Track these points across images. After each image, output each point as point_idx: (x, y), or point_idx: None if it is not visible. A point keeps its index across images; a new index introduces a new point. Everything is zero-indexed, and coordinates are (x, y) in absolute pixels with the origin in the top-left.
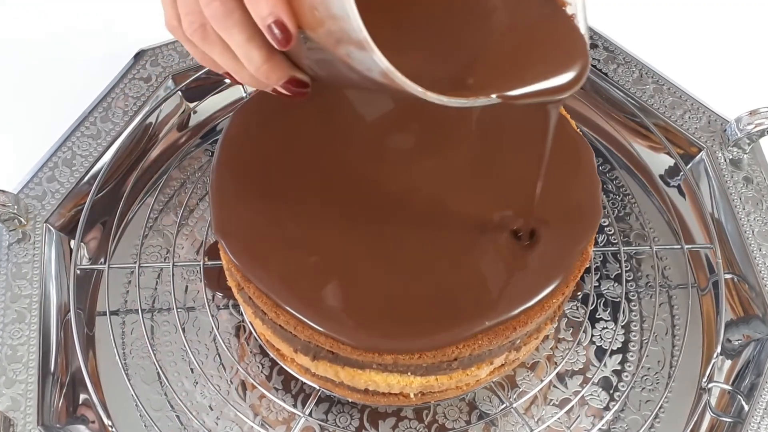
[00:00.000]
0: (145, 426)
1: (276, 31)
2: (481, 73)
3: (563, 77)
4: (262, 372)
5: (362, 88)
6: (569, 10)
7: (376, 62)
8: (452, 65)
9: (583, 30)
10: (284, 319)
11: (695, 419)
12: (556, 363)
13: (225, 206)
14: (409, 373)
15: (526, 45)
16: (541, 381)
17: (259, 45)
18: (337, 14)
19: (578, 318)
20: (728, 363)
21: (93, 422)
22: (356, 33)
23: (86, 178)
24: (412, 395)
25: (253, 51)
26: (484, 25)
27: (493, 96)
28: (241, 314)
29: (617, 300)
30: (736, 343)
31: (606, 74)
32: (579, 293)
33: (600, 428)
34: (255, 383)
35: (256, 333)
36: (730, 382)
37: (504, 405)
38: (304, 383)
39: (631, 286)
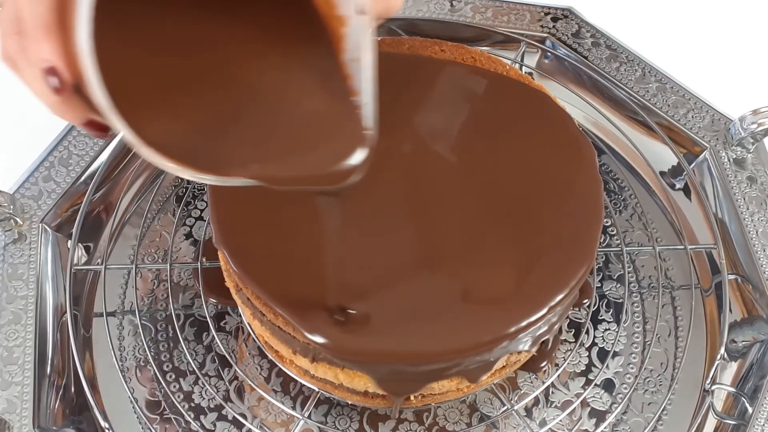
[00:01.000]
0: (142, 428)
1: (49, 78)
2: (247, 153)
3: (330, 168)
4: (260, 374)
5: None
6: (360, 100)
7: (118, 126)
8: (219, 142)
9: (366, 123)
10: (283, 321)
11: (698, 422)
12: (557, 365)
13: (224, 210)
14: None
15: (301, 132)
16: (543, 383)
17: None
18: (86, 77)
19: (580, 319)
20: (732, 365)
21: (90, 425)
22: (97, 98)
23: (83, 178)
24: (412, 397)
25: (45, 89)
26: (266, 107)
27: (250, 179)
28: (240, 315)
29: (620, 301)
30: (740, 344)
31: (608, 73)
32: (586, 300)
33: (602, 431)
34: (253, 385)
35: (254, 334)
36: (734, 385)
37: (505, 407)
38: (303, 385)
39: (634, 287)
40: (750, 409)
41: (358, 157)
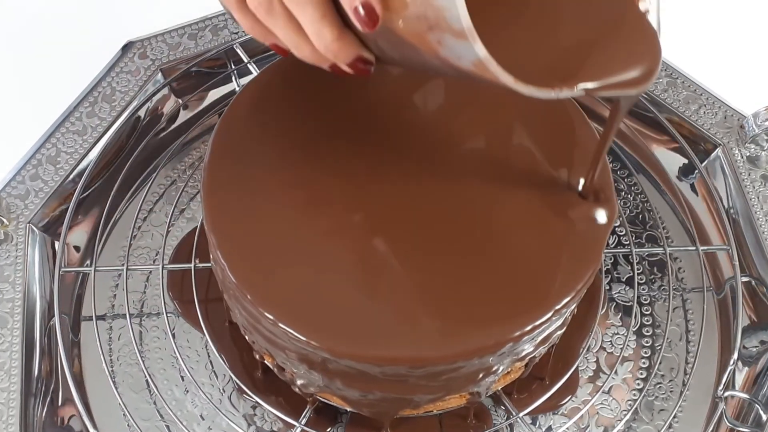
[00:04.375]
0: None
1: (362, 13)
2: (564, 67)
3: (638, 71)
4: (256, 379)
5: (433, 72)
6: (642, 7)
7: (475, 52)
8: (535, 58)
9: (655, 26)
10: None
11: (711, 429)
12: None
13: (220, 214)
14: None
15: (603, 41)
16: (548, 390)
17: (332, 23)
18: (440, 4)
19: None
20: (745, 370)
21: None
22: (457, 22)
23: (71, 177)
24: None
25: (325, 28)
26: (558, 20)
27: (577, 88)
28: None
29: (629, 304)
30: (754, 349)
31: None
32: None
33: None
34: (248, 391)
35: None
36: (748, 391)
37: (510, 414)
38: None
39: (644, 289)
40: (765, 417)
41: (656, 57)
